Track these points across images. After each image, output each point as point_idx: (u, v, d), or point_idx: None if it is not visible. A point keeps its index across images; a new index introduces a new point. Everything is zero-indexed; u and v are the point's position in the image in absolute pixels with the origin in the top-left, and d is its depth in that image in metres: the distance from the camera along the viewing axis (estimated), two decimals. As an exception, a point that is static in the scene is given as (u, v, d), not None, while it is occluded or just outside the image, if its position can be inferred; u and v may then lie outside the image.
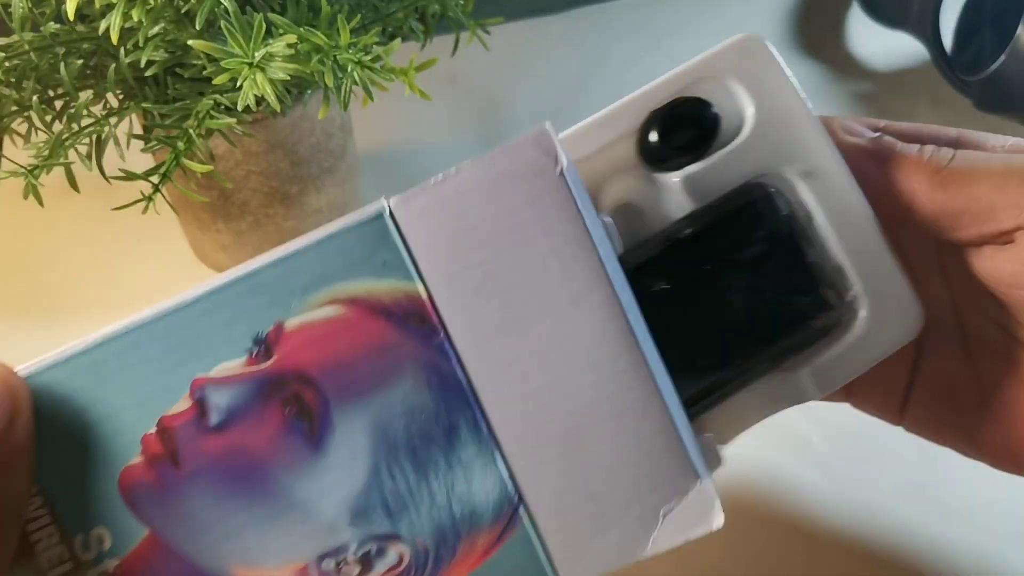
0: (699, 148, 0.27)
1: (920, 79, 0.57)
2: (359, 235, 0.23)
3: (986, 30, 0.55)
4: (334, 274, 0.23)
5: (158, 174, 0.37)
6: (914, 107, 0.56)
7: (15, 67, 0.37)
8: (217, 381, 0.23)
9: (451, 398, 0.23)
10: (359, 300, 0.23)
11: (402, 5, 0.41)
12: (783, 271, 0.27)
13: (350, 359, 0.23)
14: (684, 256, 0.27)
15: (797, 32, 0.62)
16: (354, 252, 0.23)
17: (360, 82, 0.34)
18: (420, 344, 0.23)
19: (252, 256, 0.48)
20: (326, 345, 0.23)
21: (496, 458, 0.24)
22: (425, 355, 0.23)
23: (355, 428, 0.23)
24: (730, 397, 0.27)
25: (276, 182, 0.43)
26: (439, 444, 0.23)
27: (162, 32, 0.35)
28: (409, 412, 0.23)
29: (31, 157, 0.37)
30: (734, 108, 0.28)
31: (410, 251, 0.23)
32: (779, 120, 0.28)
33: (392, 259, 0.23)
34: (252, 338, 0.23)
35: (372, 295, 0.23)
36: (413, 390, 0.23)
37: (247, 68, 0.32)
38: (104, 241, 0.50)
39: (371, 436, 0.23)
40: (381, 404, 0.23)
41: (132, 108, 0.38)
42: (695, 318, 0.27)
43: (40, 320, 0.46)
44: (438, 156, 0.55)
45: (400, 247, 0.23)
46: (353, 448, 0.23)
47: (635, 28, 0.63)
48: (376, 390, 0.23)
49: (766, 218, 0.27)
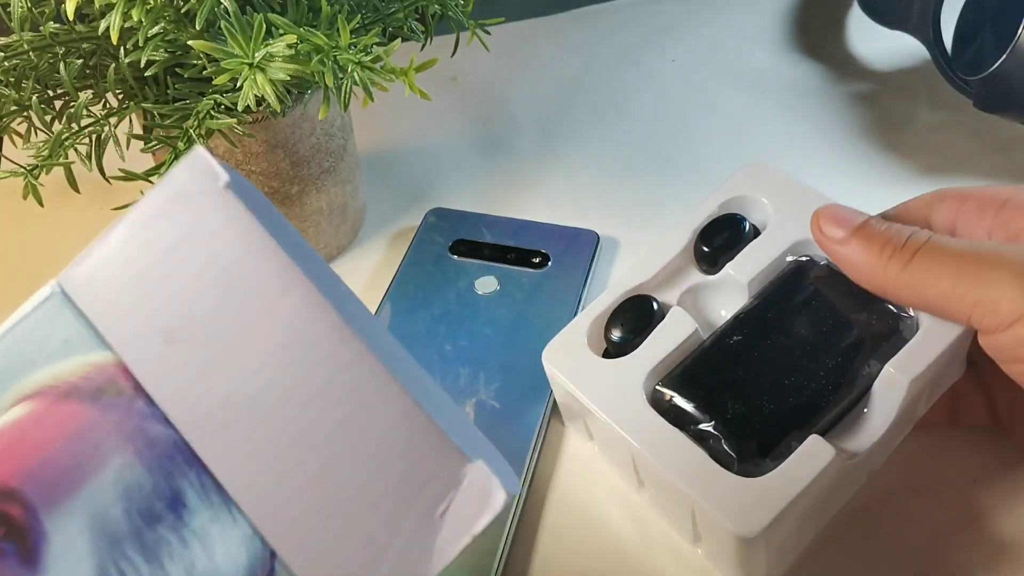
0: (740, 247, 0.36)
1: (920, 79, 0.57)
2: (35, 321, 0.22)
3: (986, 30, 0.55)
4: (15, 371, 0.21)
5: (158, 174, 0.37)
6: (914, 107, 0.56)
7: (15, 67, 0.37)
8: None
9: (167, 464, 0.21)
10: (45, 389, 0.21)
11: (402, 5, 0.41)
12: (855, 299, 0.34)
13: (50, 456, 0.21)
14: (779, 315, 0.35)
15: (797, 32, 0.62)
16: (31, 341, 0.21)
17: (360, 82, 0.34)
18: (120, 415, 0.21)
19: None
20: (20, 448, 0.21)
21: (234, 515, 0.21)
22: (128, 424, 0.21)
23: (71, 531, 0.21)
24: (855, 409, 0.33)
25: (276, 182, 0.43)
26: (166, 521, 0.21)
27: (162, 32, 0.35)
28: (125, 494, 0.21)
29: (31, 157, 0.37)
30: (758, 213, 0.38)
31: (89, 321, 0.21)
32: (792, 209, 0.36)
33: (72, 335, 0.21)
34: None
35: (59, 380, 0.21)
36: (124, 468, 0.21)
37: (247, 68, 0.32)
38: (104, 241, 0.50)
39: (90, 534, 0.21)
40: (93, 495, 0.21)
41: (132, 108, 0.38)
42: (814, 349, 0.34)
43: (40, 320, 0.46)
44: (438, 156, 0.55)
45: (78, 321, 0.21)
46: (73, 555, 0.21)
47: (635, 28, 0.63)
48: (84, 481, 0.21)
49: (817, 272, 0.35)
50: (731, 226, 0.37)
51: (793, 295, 0.35)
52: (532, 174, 0.53)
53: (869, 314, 0.34)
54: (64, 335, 0.22)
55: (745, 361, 0.34)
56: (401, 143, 0.56)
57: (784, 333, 0.34)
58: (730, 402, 0.33)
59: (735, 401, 0.33)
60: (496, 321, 0.44)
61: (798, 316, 0.34)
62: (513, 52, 0.61)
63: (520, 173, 0.53)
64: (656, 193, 0.51)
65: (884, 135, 0.54)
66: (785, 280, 0.35)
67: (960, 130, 0.54)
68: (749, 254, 0.36)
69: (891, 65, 0.59)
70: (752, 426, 0.32)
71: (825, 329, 0.34)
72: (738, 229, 0.37)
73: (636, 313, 0.36)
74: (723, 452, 0.32)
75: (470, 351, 0.42)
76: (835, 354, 0.33)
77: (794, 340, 0.34)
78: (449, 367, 0.42)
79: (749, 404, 0.33)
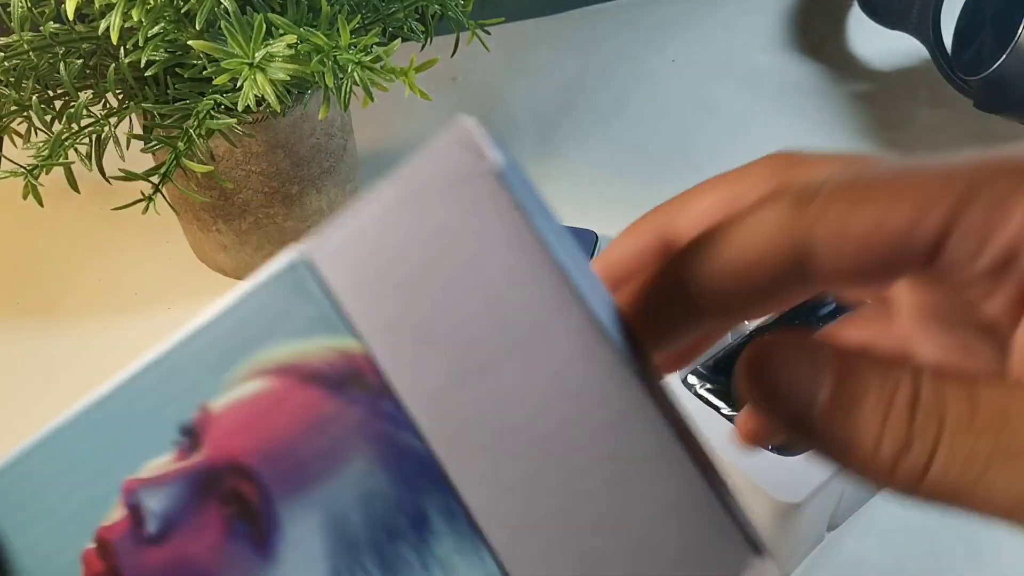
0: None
1: (920, 79, 0.57)
2: (273, 291, 0.20)
3: (986, 30, 0.55)
4: (253, 341, 0.20)
5: (158, 174, 0.37)
6: (914, 107, 0.56)
7: (15, 67, 0.37)
8: (148, 483, 0.20)
9: (413, 479, 0.19)
10: (286, 368, 0.20)
11: (402, 5, 0.41)
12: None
13: (288, 441, 0.20)
14: (807, 318, 0.37)
15: (797, 32, 0.62)
16: (272, 311, 0.20)
17: (360, 82, 0.34)
18: (364, 413, 0.19)
19: (252, 256, 0.48)
20: (258, 427, 0.20)
21: (481, 553, 0.19)
22: (372, 425, 0.20)
23: (306, 526, 0.20)
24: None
25: (276, 182, 0.43)
26: (407, 539, 0.19)
27: (162, 32, 0.35)
28: (366, 501, 0.19)
29: (31, 157, 0.37)
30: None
31: (336, 300, 0.20)
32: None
33: (317, 313, 0.20)
34: (177, 428, 0.20)
35: (300, 360, 0.20)
36: (366, 472, 0.19)
37: (247, 68, 0.32)
38: (104, 241, 0.50)
39: (326, 534, 0.20)
40: (331, 493, 0.20)
41: (132, 108, 0.38)
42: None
43: (40, 320, 0.46)
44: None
45: (323, 298, 0.20)
46: (307, 551, 0.20)
47: (635, 28, 0.63)
48: (323, 476, 0.20)
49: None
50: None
51: (817, 309, 0.37)
52: (532, 173, 0.53)
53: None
54: (309, 312, 0.20)
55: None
56: (401, 143, 0.56)
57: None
58: None
59: None
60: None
61: (828, 319, 0.36)
62: (513, 52, 0.61)
63: (520, 173, 0.53)
64: (655, 193, 0.51)
65: (884, 135, 0.54)
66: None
67: (960, 130, 0.54)
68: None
69: (891, 65, 0.59)
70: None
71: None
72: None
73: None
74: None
75: None
76: None
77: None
78: None
79: None
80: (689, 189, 0.24)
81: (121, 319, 0.46)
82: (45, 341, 0.45)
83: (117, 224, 0.49)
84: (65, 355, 0.45)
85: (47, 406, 0.43)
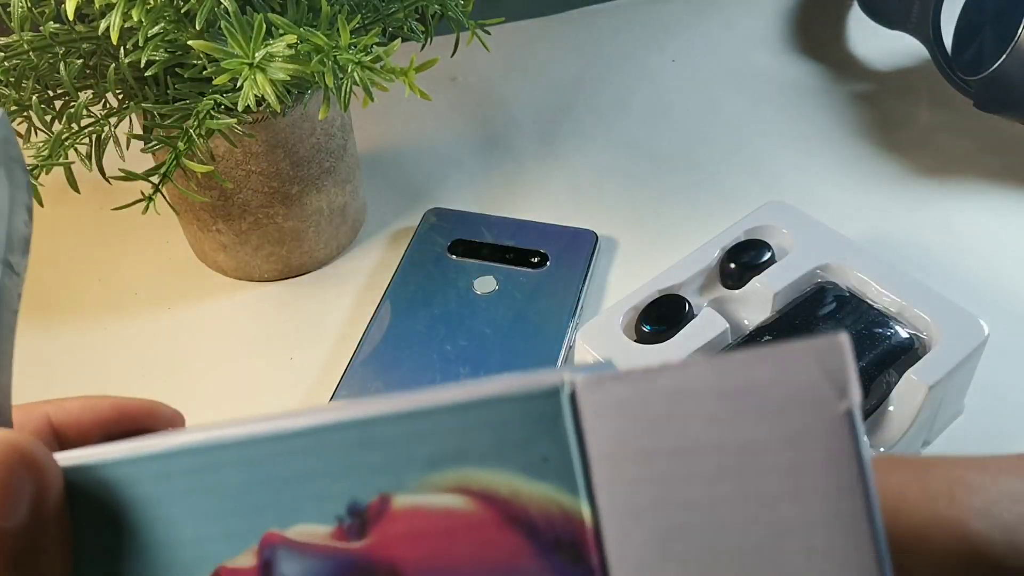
0: (765, 266, 0.40)
1: (920, 79, 0.57)
2: (520, 410, 0.17)
3: (986, 30, 0.55)
4: (473, 453, 0.17)
5: (158, 174, 0.37)
6: (914, 107, 0.56)
7: (15, 67, 0.37)
8: (292, 545, 0.18)
9: None
10: (496, 498, 0.17)
11: (402, 5, 0.41)
12: (873, 317, 0.38)
13: (460, 573, 0.18)
14: (804, 323, 0.38)
15: (797, 32, 0.62)
16: (507, 431, 0.17)
17: (360, 82, 0.34)
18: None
19: (252, 256, 0.48)
20: (436, 545, 0.17)
21: None
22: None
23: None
24: (873, 415, 0.36)
25: (276, 182, 0.43)
26: None
27: (162, 32, 0.35)
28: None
29: (31, 157, 0.37)
30: (778, 242, 0.42)
31: (585, 454, 0.16)
32: (813, 238, 0.41)
33: (556, 457, 0.17)
34: (347, 504, 0.18)
35: (516, 498, 0.17)
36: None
37: (247, 68, 0.32)
38: (104, 241, 0.50)
39: None
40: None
41: (132, 108, 0.38)
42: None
43: (40, 320, 0.46)
44: (438, 156, 0.55)
45: (572, 444, 0.17)
46: None
47: (635, 28, 0.63)
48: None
49: (838, 292, 0.39)
50: (757, 248, 0.41)
51: (817, 309, 0.38)
52: (532, 174, 0.53)
53: (886, 330, 0.37)
54: (550, 453, 0.17)
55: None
56: (401, 143, 0.56)
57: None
58: None
59: None
60: (495, 321, 0.43)
61: (822, 326, 0.37)
62: (513, 52, 0.61)
63: (519, 173, 0.53)
64: (655, 193, 0.51)
65: (884, 135, 0.54)
66: (809, 298, 0.39)
67: (960, 130, 0.54)
68: (776, 271, 0.40)
69: (891, 65, 0.59)
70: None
71: (859, 337, 0.37)
72: (764, 250, 0.41)
73: (671, 308, 0.39)
74: None
75: (470, 351, 0.42)
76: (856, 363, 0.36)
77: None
78: (449, 367, 0.42)
79: None
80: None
81: (121, 319, 0.46)
82: (45, 341, 0.45)
83: (117, 224, 0.49)
84: (65, 355, 0.45)
85: (47, 406, 0.43)
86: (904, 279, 0.39)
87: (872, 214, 0.49)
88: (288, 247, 0.46)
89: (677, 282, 0.40)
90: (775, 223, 0.42)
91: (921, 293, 0.38)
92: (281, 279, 0.47)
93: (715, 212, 0.49)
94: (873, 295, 0.38)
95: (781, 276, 0.39)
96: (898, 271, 0.39)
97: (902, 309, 0.38)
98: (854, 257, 0.40)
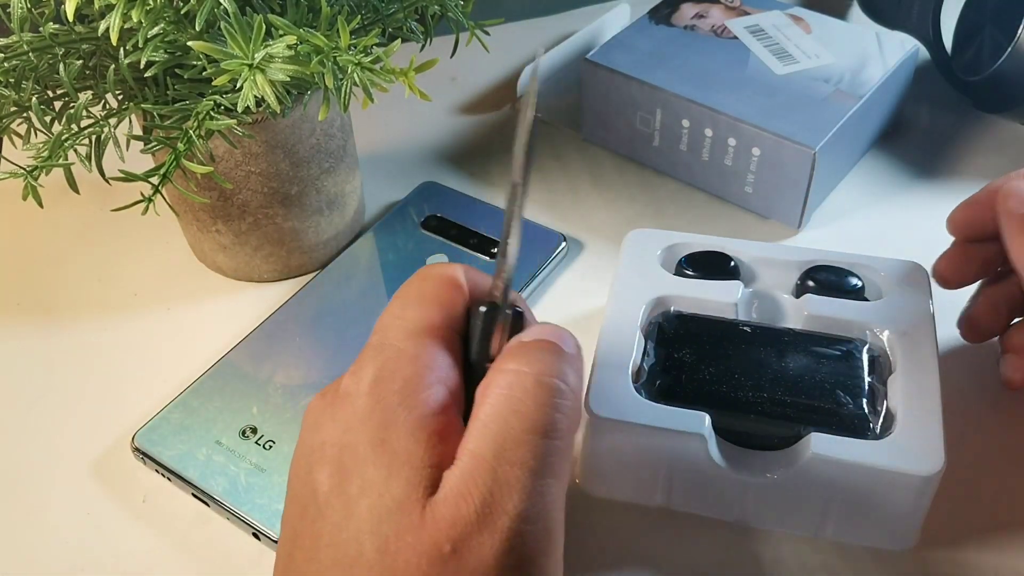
0: (829, 294, 0.39)
1: (920, 79, 0.57)
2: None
3: (986, 30, 0.55)
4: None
5: (158, 175, 0.37)
6: (914, 107, 0.56)
7: (14, 67, 0.37)
8: None
9: None
10: None
11: (402, 6, 0.41)
12: (846, 373, 0.36)
13: None
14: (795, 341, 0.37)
15: (797, 32, 0.62)
16: None
17: (360, 83, 0.34)
18: None
19: (252, 257, 0.48)
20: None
21: None
22: None
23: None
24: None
25: (276, 183, 0.43)
26: None
27: (162, 33, 0.35)
28: None
29: (31, 158, 0.37)
30: (874, 287, 0.40)
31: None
32: (900, 300, 0.39)
33: None
34: None
35: None
36: None
37: (247, 69, 0.32)
38: (104, 241, 0.50)
39: None
40: None
41: (132, 109, 0.38)
42: (784, 366, 0.36)
43: (40, 320, 0.46)
44: (438, 156, 0.55)
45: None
46: None
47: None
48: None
49: (852, 346, 0.37)
50: (841, 280, 0.40)
51: (826, 346, 0.37)
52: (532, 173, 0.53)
53: (854, 397, 0.35)
54: None
55: (746, 354, 0.37)
56: (401, 143, 0.56)
57: (792, 356, 0.37)
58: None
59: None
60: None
61: (811, 355, 0.37)
62: (513, 52, 0.61)
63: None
64: (656, 192, 0.51)
65: (884, 135, 0.54)
66: (828, 336, 0.38)
67: (960, 130, 0.54)
68: (830, 305, 0.39)
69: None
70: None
71: (819, 378, 0.36)
72: (847, 286, 0.40)
73: (713, 260, 0.40)
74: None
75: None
76: (805, 399, 0.35)
77: (797, 365, 0.36)
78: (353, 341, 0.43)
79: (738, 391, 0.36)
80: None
81: (120, 319, 0.46)
82: (44, 341, 0.45)
83: (116, 224, 0.49)
84: (64, 355, 0.45)
85: (47, 406, 0.43)
86: (930, 379, 0.36)
87: (871, 214, 0.49)
88: (288, 247, 0.46)
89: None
90: (887, 275, 0.40)
91: (925, 403, 0.35)
92: (281, 279, 0.47)
93: (716, 214, 0.49)
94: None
95: (821, 310, 0.38)
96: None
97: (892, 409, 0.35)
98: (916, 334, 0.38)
